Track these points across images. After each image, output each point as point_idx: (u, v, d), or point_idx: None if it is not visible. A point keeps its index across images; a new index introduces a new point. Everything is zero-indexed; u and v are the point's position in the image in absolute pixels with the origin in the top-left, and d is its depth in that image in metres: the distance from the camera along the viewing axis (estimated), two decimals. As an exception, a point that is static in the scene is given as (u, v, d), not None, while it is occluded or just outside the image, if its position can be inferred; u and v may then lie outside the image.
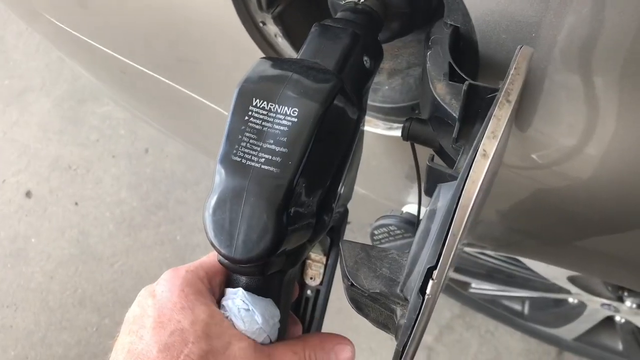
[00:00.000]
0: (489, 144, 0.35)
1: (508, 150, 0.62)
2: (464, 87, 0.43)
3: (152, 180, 2.10)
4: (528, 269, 1.16)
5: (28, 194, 2.17)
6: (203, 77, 0.93)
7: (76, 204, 2.12)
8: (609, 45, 0.48)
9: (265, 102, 0.45)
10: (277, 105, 0.45)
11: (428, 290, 0.35)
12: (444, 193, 0.39)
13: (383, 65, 0.73)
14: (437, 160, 0.45)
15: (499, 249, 0.93)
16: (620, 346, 1.42)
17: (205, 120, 1.06)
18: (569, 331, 1.43)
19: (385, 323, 0.43)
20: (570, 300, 1.31)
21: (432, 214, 0.39)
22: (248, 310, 0.47)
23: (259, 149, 0.44)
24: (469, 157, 0.35)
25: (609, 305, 1.20)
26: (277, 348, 0.47)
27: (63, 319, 1.97)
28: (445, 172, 0.40)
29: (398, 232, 0.72)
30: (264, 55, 0.74)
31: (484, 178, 0.35)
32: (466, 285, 1.46)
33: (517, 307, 1.51)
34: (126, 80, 1.31)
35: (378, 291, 0.40)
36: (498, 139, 0.35)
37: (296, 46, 0.71)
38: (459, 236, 0.34)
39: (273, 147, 0.44)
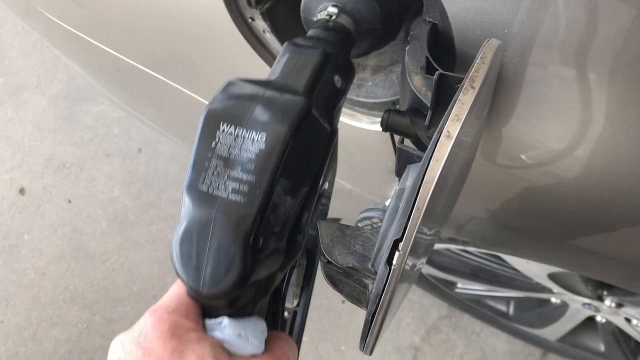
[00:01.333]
0: (452, 125, 0.37)
1: (494, 148, 0.65)
2: (435, 76, 0.45)
3: (145, 179, 2.12)
4: (511, 267, 1.19)
5: (22, 191, 2.19)
6: (195, 73, 0.95)
7: (69, 201, 2.14)
8: (577, 41, 0.51)
9: (233, 127, 0.44)
10: (245, 130, 0.44)
11: (394, 261, 0.37)
12: (412, 173, 0.41)
13: (367, 61, 0.76)
14: (408, 143, 0.48)
15: (488, 247, 0.95)
16: (602, 347, 1.45)
17: (198, 116, 1.08)
18: (553, 332, 1.46)
19: (358, 297, 0.46)
20: (553, 300, 1.34)
21: (400, 192, 0.41)
22: (240, 335, 0.46)
23: (226, 177, 0.43)
24: (433, 139, 0.38)
25: (589, 304, 1.23)
26: None
27: (54, 315, 1.99)
28: (413, 153, 0.42)
29: (381, 224, 0.75)
30: (252, 51, 0.77)
31: (448, 158, 0.37)
32: (452, 285, 1.48)
33: (502, 307, 1.53)
34: (121, 78, 1.33)
35: (351, 266, 0.43)
36: (461, 122, 0.38)
37: (283, 41, 0.74)
38: (422, 210, 0.36)
39: (240, 175, 0.43)
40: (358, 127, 0.74)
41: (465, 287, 1.47)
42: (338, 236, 0.45)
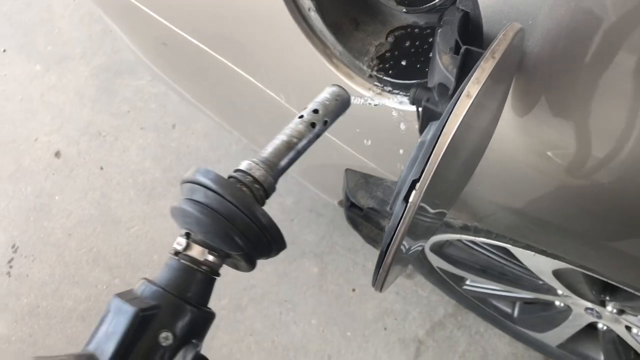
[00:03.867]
0: (472, 87, 0.44)
1: (517, 142, 0.69)
2: (462, 50, 0.51)
3: (176, 154, 2.21)
4: (519, 264, 1.23)
5: (57, 154, 2.29)
6: (242, 48, 1.01)
7: (101, 168, 2.23)
8: (600, 34, 0.56)
9: None
10: None
11: (410, 199, 0.43)
12: (433, 128, 0.47)
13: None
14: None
15: (511, 235, 0.98)
16: (601, 357, 1.48)
17: (240, 91, 1.15)
18: (554, 337, 1.50)
19: (374, 238, 0.52)
20: (557, 303, 1.38)
21: (421, 144, 0.47)
22: None
23: None
24: (454, 98, 0.44)
25: (592, 310, 1.27)
26: None
27: (76, 275, 2.07)
28: (436, 110, 0.48)
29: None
30: (297, 28, 0.83)
31: (466, 115, 0.43)
32: (462, 281, 1.53)
33: (507, 309, 1.58)
34: (166, 52, 1.41)
35: (372, 207, 0.49)
36: (481, 85, 0.44)
37: (326, 21, 0.80)
38: (440, 156, 0.42)
39: None
40: (386, 105, 0.80)
41: (474, 284, 1.52)
42: (362, 183, 0.51)
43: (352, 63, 0.80)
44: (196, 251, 0.53)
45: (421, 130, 0.50)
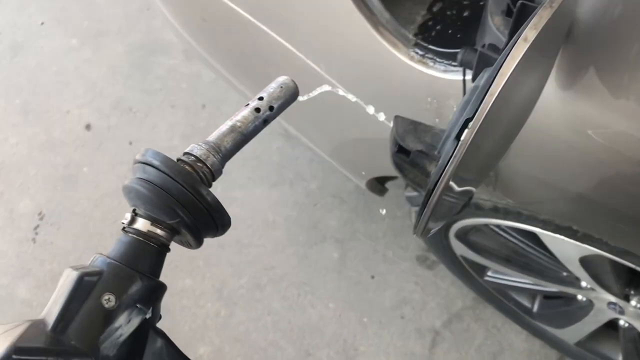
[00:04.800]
0: (530, 32, 0.44)
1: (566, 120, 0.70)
2: (518, 5, 0.52)
3: (204, 134, 2.21)
4: (544, 252, 1.23)
5: (88, 127, 2.32)
6: (291, 23, 1.02)
7: (130, 143, 2.26)
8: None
9: None
10: None
11: (463, 137, 0.44)
12: (487, 73, 0.48)
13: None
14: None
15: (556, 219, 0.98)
16: (620, 357, 1.48)
17: (276, 61, 1.17)
18: (573, 333, 1.49)
19: (419, 183, 0.53)
20: (579, 297, 1.38)
21: (474, 89, 0.48)
22: None
23: None
24: (510, 43, 0.45)
25: (615, 305, 1.26)
26: None
27: (99, 245, 2.10)
28: (492, 56, 0.49)
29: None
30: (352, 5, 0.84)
31: (522, 60, 0.44)
32: (483, 271, 1.53)
33: (527, 303, 1.58)
34: (206, 27, 1.43)
35: (420, 149, 0.50)
36: (538, 30, 0.44)
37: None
38: (495, 95, 0.43)
39: None
40: (430, 74, 0.81)
41: (495, 275, 1.52)
42: (411, 129, 0.52)
43: (398, 31, 0.81)
44: (140, 224, 0.57)
45: (474, 78, 0.50)
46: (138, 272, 0.54)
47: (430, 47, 0.79)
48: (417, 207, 0.93)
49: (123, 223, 0.58)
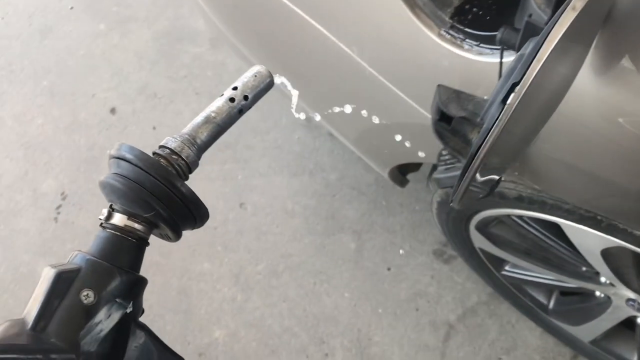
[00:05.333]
0: (578, 1, 0.46)
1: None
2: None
3: (226, 122, 2.25)
4: (565, 247, 1.24)
5: (112, 111, 2.36)
6: (334, 10, 1.03)
7: (154, 128, 2.29)
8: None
9: None
10: None
11: (509, 100, 0.46)
12: (533, 42, 0.49)
13: None
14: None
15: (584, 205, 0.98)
16: (635, 357, 1.48)
17: (307, 45, 1.18)
18: (589, 331, 1.50)
19: (459, 150, 0.54)
20: (597, 294, 1.38)
21: (520, 57, 0.50)
22: None
23: None
24: (558, 12, 0.46)
25: (634, 301, 1.27)
26: None
27: (120, 227, 2.13)
28: (538, 25, 0.50)
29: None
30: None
31: (569, 27, 0.46)
32: (501, 265, 1.54)
33: (543, 300, 1.58)
34: (237, 13, 1.45)
35: (463, 115, 0.51)
36: (585, 1, 0.46)
37: None
38: (542, 61, 0.45)
39: None
40: (465, 57, 0.83)
41: (513, 269, 1.53)
42: (454, 97, 0.54)
43: (434, 13, 0.83)
44: (117, 219, 0.57)
45: (519, 48, 0.52)
46: (116, 267, 0.55)
47: (467, 30, 0.81)
48: (444, 189, 0.94)
49: (100, 219, 0.58)
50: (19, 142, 2.37)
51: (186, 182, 0.59)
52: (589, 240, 1.07)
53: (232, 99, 0.65)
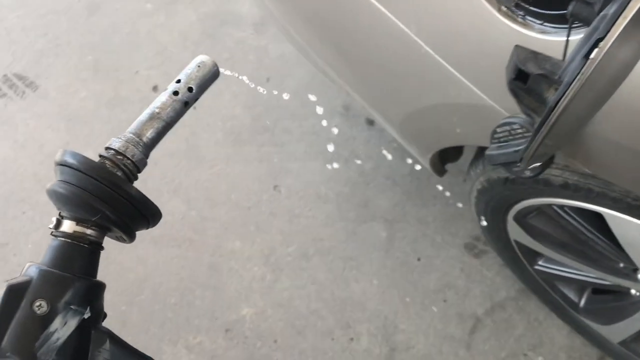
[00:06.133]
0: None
1: None
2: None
3: (266, 106, 2.29)
4: (605, 241, 1.25)
5: (155, 89, 2.41)
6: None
7: (194, 108, 2.32)
8: None
9: None
10: None
11: (592, 54, 0.47)
12: (615, 3, 0.51)
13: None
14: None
15: None
16: (664, 360, 1.48)
17: (360, 23, 1.20)
18: (619, 331, 1.49)
19: (534, 109, 0.56)
20: (633, 292, 1.38)
21: (603, 17, 0.51)
22: None
23: None
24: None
25: (670, 301, 1.27)
26: None
27: (156, 201, 2.15)
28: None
29: (520, 130, 0.84)
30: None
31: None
32: (535, 259, 1.54)
33: (574, 297, 1.58)
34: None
35: (542, 73, 0.53)
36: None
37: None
38: (629, 18, 0.46)
39: None
40: (527, 35, 0.84)
41: (547, 264, 1.53)
42: (531, 57, 0.56)
43: (500, -10, 0.84)
44: (66, 226, 0.57)
45: (599, 10, 0.53)
46: (69, 274, 0.55)
47: (530, 7, 0.82)
48: (495, 166, 0.95)
49: (50, 228, 0.58)
50: (62, 114, 2.43)
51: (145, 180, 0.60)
52: (633, 231, 1.08)
53: (175, 92, 0.65)
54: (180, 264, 2.05)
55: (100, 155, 0.60)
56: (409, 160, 2.05)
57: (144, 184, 0.59)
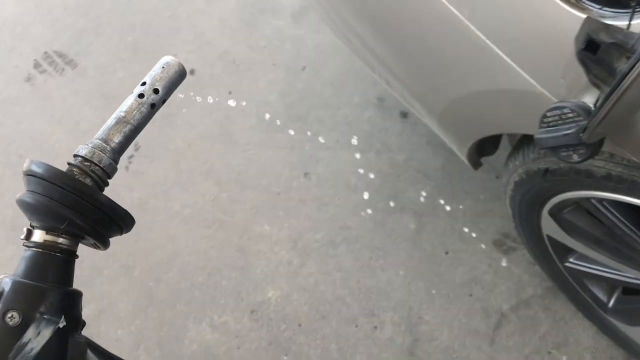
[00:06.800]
0: None
1: None
2: None
3: (300, 94, 2.31)
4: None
5: (192, 72, 2.44)
6: None
7: (230, 92, 2.36)
8: None
9: None
10: None
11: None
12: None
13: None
14: None
15: None
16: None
17: (418, 9, 1.22)
18: (647, 332, 1.49)
19: (602, 78, 0.57)
20: (665, 292, 1.38)
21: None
22: None
23: None
24: None
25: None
26: None
27: (187, 182, 2.21)
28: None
29: (570, 115, 0.85)
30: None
31: None
32: (566, 256, 1.54)
33: (603, 297, 1.58)
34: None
35: (614, 41, 0.54)
36: None
37: None
38: None
39: None
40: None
41: (578, 261, 1.53)
42: (602, 27, 0.57)
43: (557, -26, 0.85)
44: (37, 235, 0.57)
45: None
46: (41, 283, 0.55)
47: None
48: (544, 149, 0.96)
49: (22, 239, 0.58)
50: (99, 92, 2.48)
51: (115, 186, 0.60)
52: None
53: (141, 95, 0.64)
54: (209, 244, 2.08)
55: (69, 163, 0.60)
56: (442, 155, 2.07)
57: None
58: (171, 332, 1.94)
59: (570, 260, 1.55)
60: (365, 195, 2.08)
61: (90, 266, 2.09)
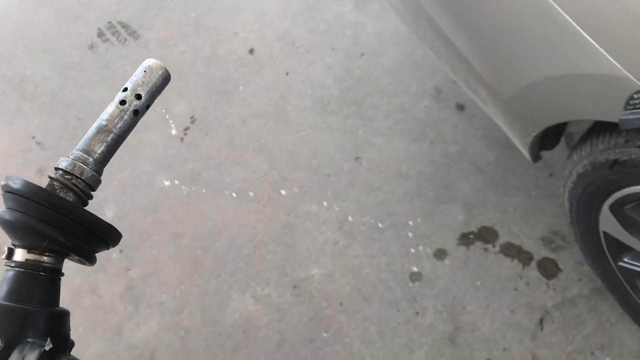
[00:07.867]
0: None
1: None
2: None
3: (357, 80, 2.34)
4: None
5: (251, 51, 2.48)
6: None
7: (287, 74, 2.40)
8: None
9: None
10: None
11: None
12: None
13: None
14: None
15: None
16: None
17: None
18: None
19: None
20: None
21: None
22: None
23: None
24: None
25: None
26: None
27: (240, 158, 2.25)
28: None
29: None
30: None
31: None
32: (620, 255, 1.53)
33: (655, 300, 1.57)
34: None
35: None
36: None
37: None
38: None
39: None
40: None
41: (633, 261, 1.52)
42: None
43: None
44: (18, 254, 0.55)
45: None
46: (25, 305, 0.53)
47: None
48: (629, 130, 0.97)
49: (3, 259, 0.56)
50: (159, 64, 2.53)
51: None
52: None
53: (122, 102, 0.61)
54: (257, 218, 2.12)
55: (50, 177, 0.58)
56: (496, 148, 2.07)
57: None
58: (214, 300, 1.98)
59: (625, 259, 1.54)
60: (416, 184, 2.09)
61: (140, 231, 2.14)
